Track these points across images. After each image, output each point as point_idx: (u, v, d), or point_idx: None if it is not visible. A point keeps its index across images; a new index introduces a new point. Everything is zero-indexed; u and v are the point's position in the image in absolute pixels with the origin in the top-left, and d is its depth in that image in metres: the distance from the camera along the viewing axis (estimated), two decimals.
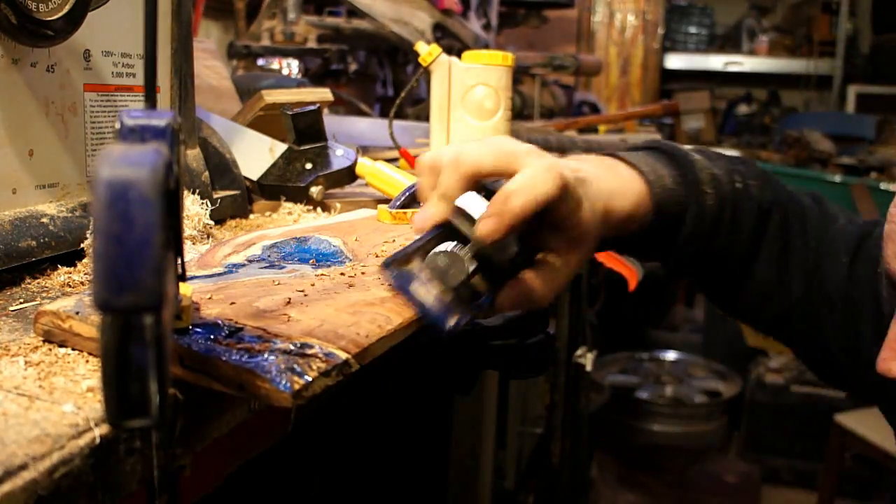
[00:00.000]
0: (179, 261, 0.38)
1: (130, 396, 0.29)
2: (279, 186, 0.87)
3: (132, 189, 0.27)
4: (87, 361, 0.40)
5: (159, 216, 0.27)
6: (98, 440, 0.33)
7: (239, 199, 0.81)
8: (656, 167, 0.65)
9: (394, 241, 0.64)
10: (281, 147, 0.91)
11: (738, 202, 0.67)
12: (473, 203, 0.52)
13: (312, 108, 0.91)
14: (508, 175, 0.53)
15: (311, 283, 0.51)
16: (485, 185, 0.54)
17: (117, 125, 0.32)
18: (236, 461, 0.50)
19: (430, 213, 0.53)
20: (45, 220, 0.57)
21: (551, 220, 0.54)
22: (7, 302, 0.51)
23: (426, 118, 1.09)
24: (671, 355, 3.26)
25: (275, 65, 1.65)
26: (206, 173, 0.77)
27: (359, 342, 0.41)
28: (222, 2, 1.88)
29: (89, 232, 0.57)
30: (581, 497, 2.00)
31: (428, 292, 0.49)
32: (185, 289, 0.40)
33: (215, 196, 0.77)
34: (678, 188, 0.65)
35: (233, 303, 0.45)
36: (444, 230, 0.53)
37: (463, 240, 0.52)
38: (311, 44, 1.66)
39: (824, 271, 0.70)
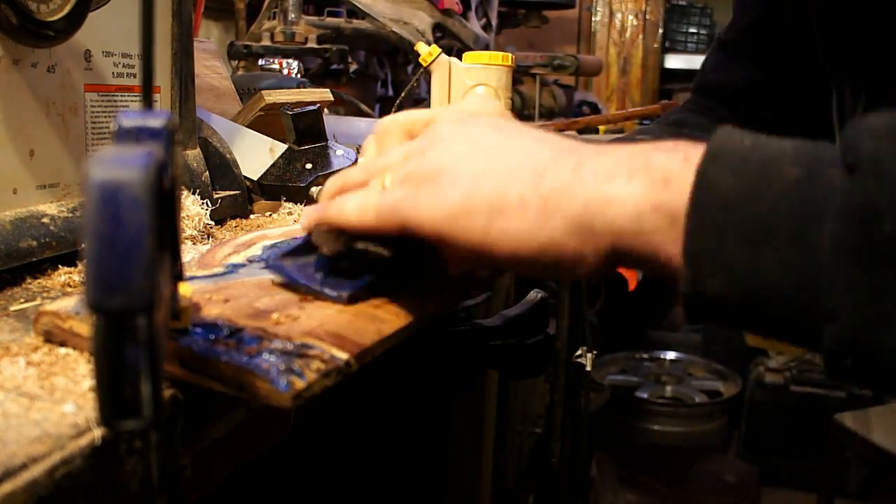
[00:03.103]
0: (177, 261, 0.38)
1: (123, 398, 0.29)
2: (279, 186, 0.88)
3: (123, 190, 0.27)
4: (88, 361, 0.40)
5: (151, 217, 0.27)
6: (99, 440, 0.33)
7: (239, 199, 0.82)
8: None
9: None
10: (281, 147, 0.91)
11: None
12: None
13: (312, 108, 0.91)
14: None
15: None
16: None
17: (113, 126, 0.32)
18: (236, 461, 0.50)
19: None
20: (45, 220, 0.57)
21: None
22: (8, 302, 0.51)
23: None
24: (671, 355, 3.26)
25: (275, 65, 1.65)
26: (207, 173, 0.77)
27: (359, 342, 0.41)
28: (222, 2, 1.88)
29: None
30: (581, 497, 2.00)
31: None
32: (186, 289, 0.40)
33: (215, 196, 0.77)
34: None
35: (232, 302, 0.45)
36: None
37: None
38: (312, 44, 1.65)
39: None
